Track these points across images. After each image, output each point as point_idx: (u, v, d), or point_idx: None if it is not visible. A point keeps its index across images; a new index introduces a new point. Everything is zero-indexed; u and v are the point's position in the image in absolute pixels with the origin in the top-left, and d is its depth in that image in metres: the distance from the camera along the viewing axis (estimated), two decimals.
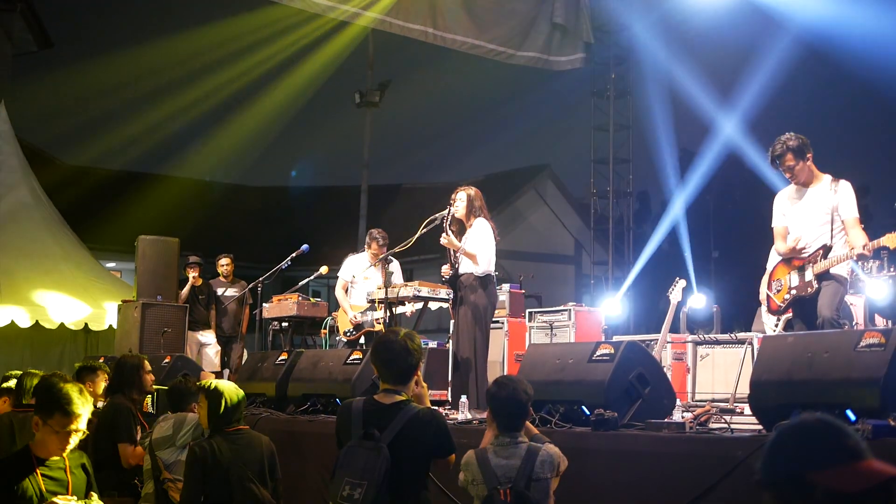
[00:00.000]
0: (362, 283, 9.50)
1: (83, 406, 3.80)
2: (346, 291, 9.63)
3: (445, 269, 7.56)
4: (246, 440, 4.84)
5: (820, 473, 1.98)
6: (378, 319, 9.09)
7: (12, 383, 6.13)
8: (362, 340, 9.35)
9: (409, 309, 8.65)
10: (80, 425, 3.80)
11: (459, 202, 7.56)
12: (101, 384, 6.43)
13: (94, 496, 3.98)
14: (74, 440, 3.81)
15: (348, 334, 9.42)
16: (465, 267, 7.43)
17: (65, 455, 3.83)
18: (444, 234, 7.44)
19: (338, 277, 9.84)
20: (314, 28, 16.48)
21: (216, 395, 4.86)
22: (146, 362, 6.45)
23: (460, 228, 7.59)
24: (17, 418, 5.43)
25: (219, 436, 4.77)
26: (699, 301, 9.97)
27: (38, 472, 3.74)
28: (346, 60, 19.54)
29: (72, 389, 3.80)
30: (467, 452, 4.18)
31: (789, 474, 2.01)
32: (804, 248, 6.32)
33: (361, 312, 9.31)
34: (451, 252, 7.53)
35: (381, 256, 9.09)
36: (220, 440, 4.74)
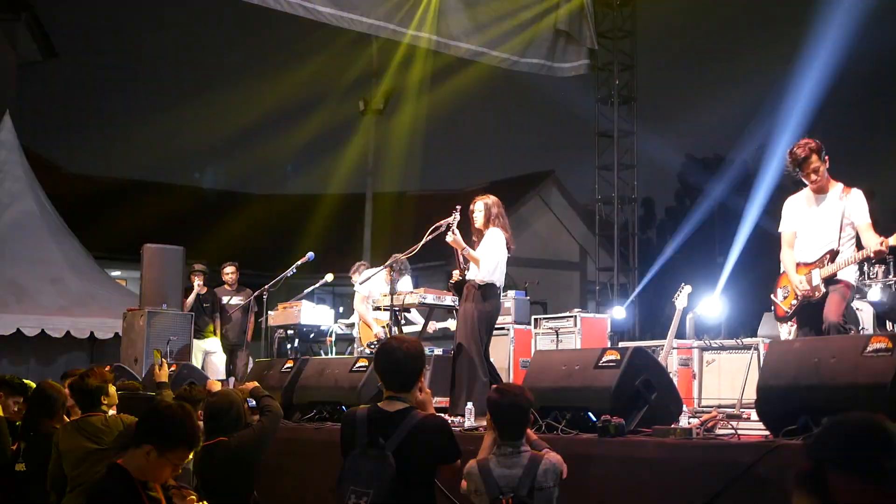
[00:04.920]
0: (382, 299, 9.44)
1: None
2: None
3: (456, 274, 7.52)
4: (204, 454, 4.57)
5: (838, 475, 1.98)
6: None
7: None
8: None
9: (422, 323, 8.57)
10: None
11: (478, 212, 7.49)
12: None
13: None
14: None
15: (372, 346, 9.29)
16: (473, 273, 7.40)
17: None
18: (450, 232, 7.38)
19: (355, 291, 9.71)
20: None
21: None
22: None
23: (481, 238, 7.52)
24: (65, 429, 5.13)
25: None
26: (713, 307, 9.86)
27: (144, 499, 3.62)
28: (352, 68, 19.53)
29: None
30: (469, 462, 4.17)
31: (816, 461, 2.01)
32: (810, 255, 6.28)
33: (384, 326, 9.21)
34: (460, 256, 7.48)
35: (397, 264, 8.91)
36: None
